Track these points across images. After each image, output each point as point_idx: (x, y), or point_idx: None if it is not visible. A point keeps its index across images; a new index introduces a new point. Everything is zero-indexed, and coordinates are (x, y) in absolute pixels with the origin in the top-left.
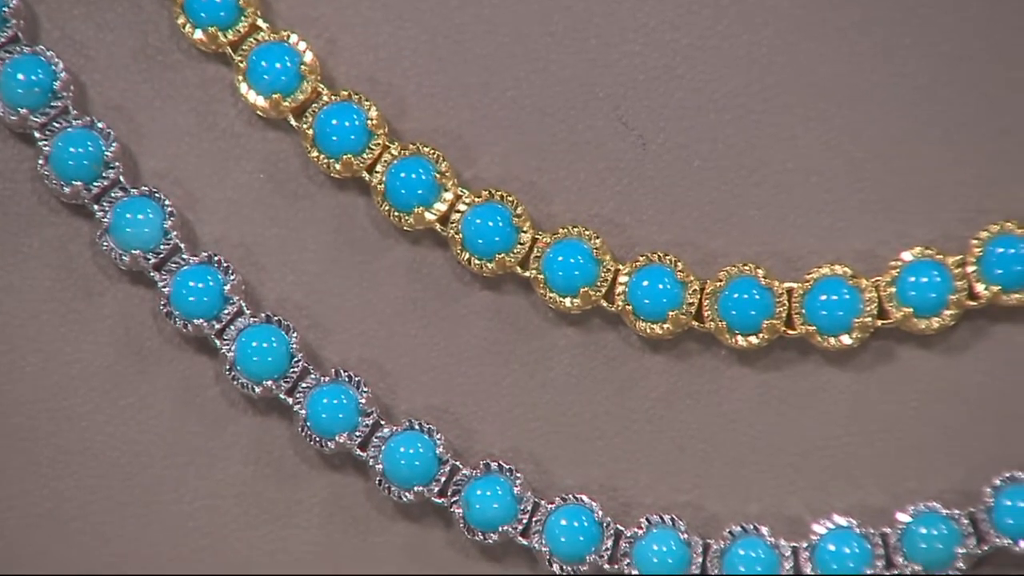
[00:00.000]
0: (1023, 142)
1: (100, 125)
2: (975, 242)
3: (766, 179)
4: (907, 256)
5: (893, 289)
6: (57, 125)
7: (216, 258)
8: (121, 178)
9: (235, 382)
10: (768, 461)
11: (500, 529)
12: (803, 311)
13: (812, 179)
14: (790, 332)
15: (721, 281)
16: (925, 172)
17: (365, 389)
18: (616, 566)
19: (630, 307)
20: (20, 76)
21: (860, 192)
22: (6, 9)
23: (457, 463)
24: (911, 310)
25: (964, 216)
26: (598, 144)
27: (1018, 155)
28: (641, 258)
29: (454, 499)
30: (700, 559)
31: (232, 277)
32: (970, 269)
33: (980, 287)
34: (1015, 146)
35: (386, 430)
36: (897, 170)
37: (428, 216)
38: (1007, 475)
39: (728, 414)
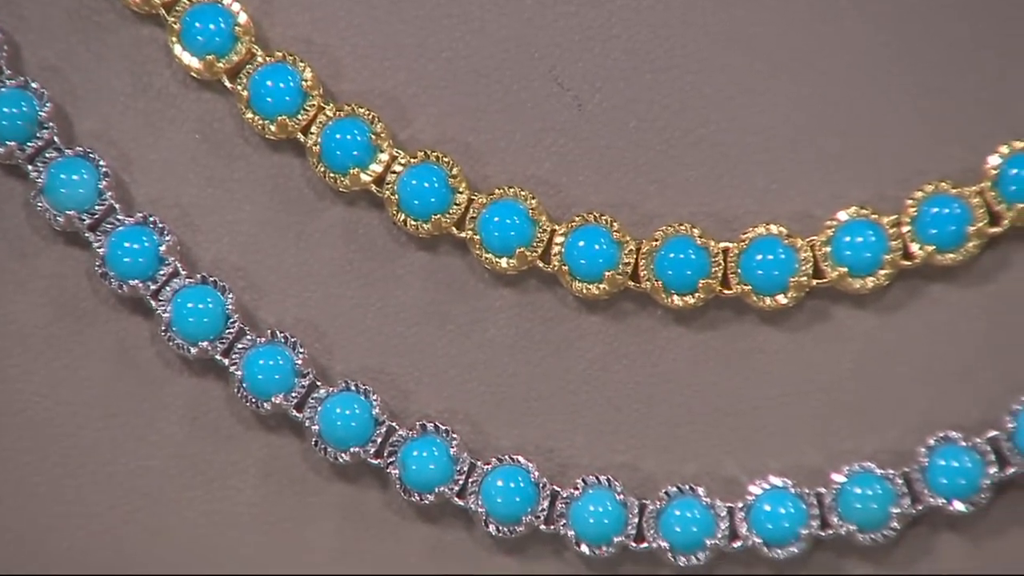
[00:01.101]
0: (958, 102)
1: (34, 85)
2: (910, 202)
3: (702, 140)
4: (842, 216)
5: (828, 249)
6: None
7: (151, 219)
8: (55, 138)
9: (171, 343)
10: (704, 422)
11: (436, 490)
12: (739, 271)
13: (748, 140)
14: (726, 292)
15: (657, 241)
16: (860, 133)
17: (301, 350)
18: (552, 527)
19: (566, 267)
20: None
21: (796, 153)
22: None
23: (393, 424)
24: (846, 269)
25: (899, 176)
26: (534, 105)
27: (953, 115)
28: (577, 218)
29: (390, 460)
30: (636, 520)
31: (167, 238)
32: (905, 229)
33: (915, 247)
34: (950, 107)
35: (322, 391)
36: (833, 131)
37: (364, 177)
38: (941, 435)
39: (664, 374)
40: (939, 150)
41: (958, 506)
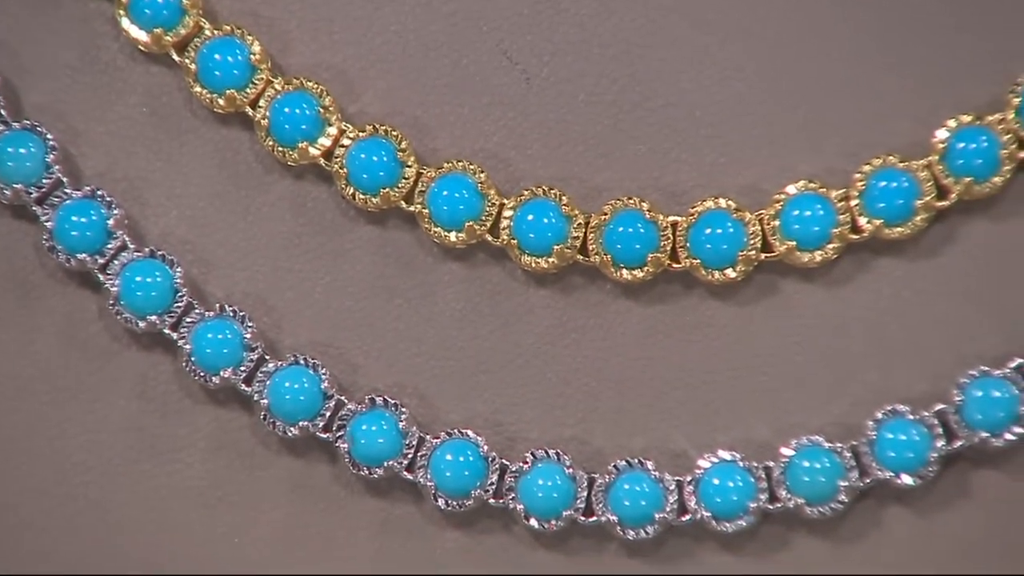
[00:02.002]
0: (906, 76)
1: None
2: (858, 176)
3: (651, 114)
4: (791, 190)
5: (777, 222)
6: None
7: (99, 192)
8: (2, 111)
9: (119, 317)
10: (653, 395)
11: (385, 464)
12: (687, 244)
13: (697, 113)
14: (675, 265)
15: (606, 215)
16: (809, 106)
17: (250, 324)
18: (501, 501)
19: (515, 241)
20: None
21: (744, 126)
22: None
23: (342, 398)
24: (794, 243)
25: (847, 150)
26: (482, 79)
27: (901, 89)
28: (526, 192)
29: (339, 434)
30: (585, 493)
31: (115, 211)
32: (853, 203)
33: (863, 220)
34: (898, 80)
35: (271, 365)
36: (781, 105)
37: (312, 151)
38: (889, 408)
39: (613, 348)
40: (887, 124)
41: (906, 479)
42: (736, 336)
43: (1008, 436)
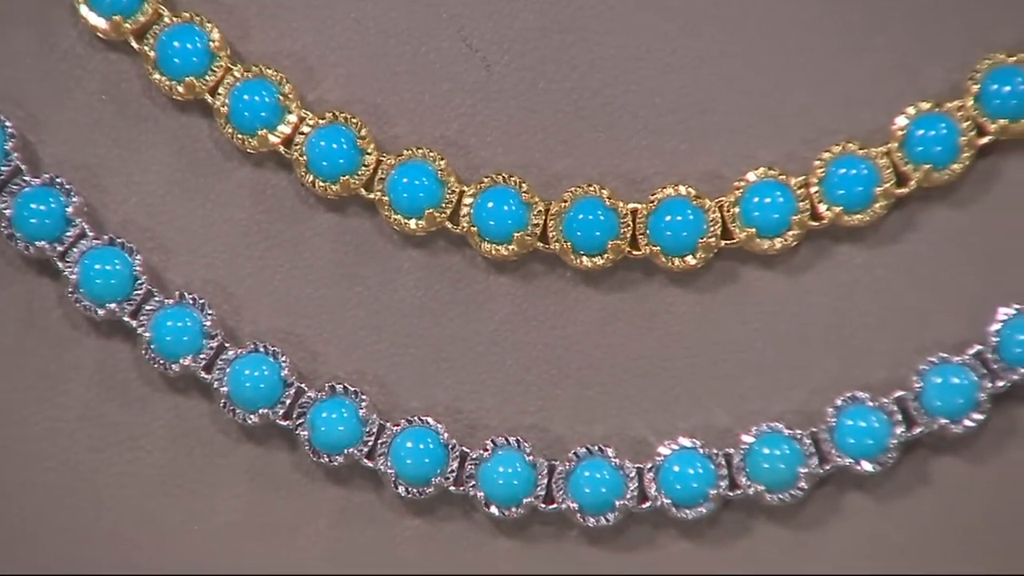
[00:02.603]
0: (865, 64)
1: None
2: (818, 163)
3: (611, 101)
4: (751, 177)
5: (737, 209)
6: None
7: (58, 180)
8: None
9: (78, 304)
10: (613, 383)
11: (345, 451)
12: (647, 232)
13: (657, 101)
14: (635, 253)
15: (566, 202)
16: (769, 94)
17: (209, 312)
18: (462, 488)
19: (475, 228)
20: None
21: (705, 114)
22: None
23: (302, 385)
24: (754, 230)
25: (807, 137)
26: (442, 66)
27: (861, 76)
28: (486, 179)
29: (299, 421)
30: (545, 481)
31: (74, 199)
32: (813, 190)
33: (823, 207)
34: (858, 68)
35: (231, 353)
36: (741, 92)
37: (272, 138)
38: (848, 395)
39: (573, 336)
40: (847, 111)
41: (865, 466)
42: (696, 323)
43: (967, 423)
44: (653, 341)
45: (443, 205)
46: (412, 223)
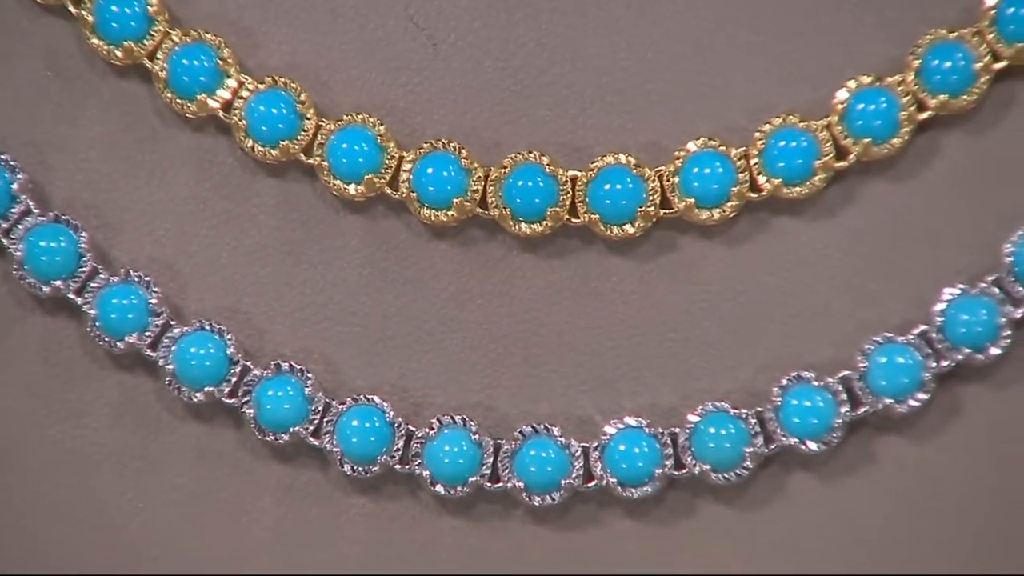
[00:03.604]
0: (807, 37)
1: None
2: (758, 135)
3: (557, 79)
4: (691, 147)
5: (677, 179)
6: None
7: (2, 157)
8: None
9: (23, 282)
10: (558, 361)
11: (291, 430)
12: (587, 199)
13: (603, 79)
14: (573, 221)
15: (506, 168)
16: (712, 68)
17: (155, 289)
18: (407, 467)
19: (415, 194)
20: None
21: (646, 84)
22: None
23: (248, 363)
24: (694, 200)
25: (749, 109)
26: (388, 43)
27: (802, 49)
28: (425, 145)
29: (245, 400)
30: (491, 459)
31: (19, 176)
32: (753, 161)
33: (762, 179)
34: (799, 41)
35: (176, 330)
36: (683, 64)
37: (211, 103)
38: (794, 374)
39: (518, 313)
40: (788, 84)
41: (811, 445)
42: (639, 298)
43: (912, 402)
44: (598, 318)
45: (382, 171)
46: (351, 188)
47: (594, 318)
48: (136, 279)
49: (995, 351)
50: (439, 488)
